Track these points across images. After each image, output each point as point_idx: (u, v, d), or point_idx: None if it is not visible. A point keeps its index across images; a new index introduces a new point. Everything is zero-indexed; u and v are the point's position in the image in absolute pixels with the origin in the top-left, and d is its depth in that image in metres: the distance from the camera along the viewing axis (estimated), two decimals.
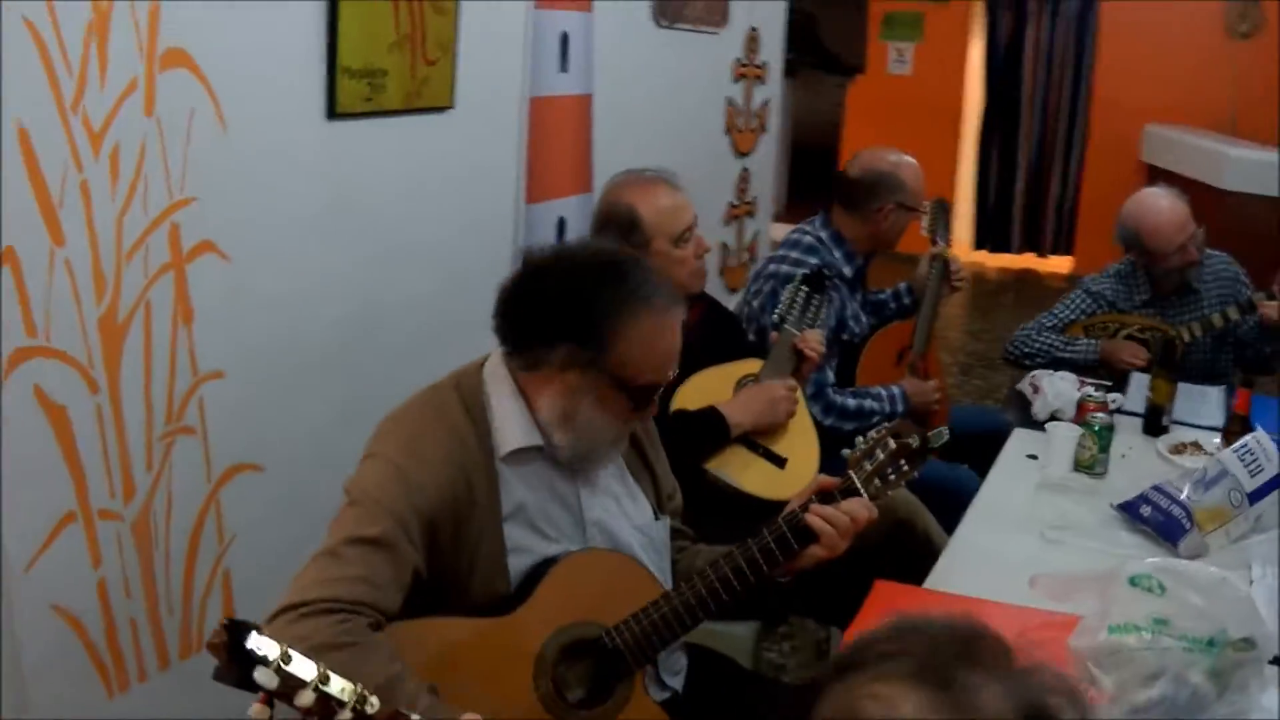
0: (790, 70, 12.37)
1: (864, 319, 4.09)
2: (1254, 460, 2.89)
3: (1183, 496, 2.87)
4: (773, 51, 6.00)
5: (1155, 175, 9.46)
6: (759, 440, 3.17)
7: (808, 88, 12.43)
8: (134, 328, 2.82)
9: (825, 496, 2.35)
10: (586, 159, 4.35)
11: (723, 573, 2.27)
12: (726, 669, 2.63)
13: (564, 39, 4.14)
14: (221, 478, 3.11)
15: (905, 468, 2.40)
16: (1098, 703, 1.96)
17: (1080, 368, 4.36)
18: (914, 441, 2.40)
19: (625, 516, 2.40)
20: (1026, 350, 4.51)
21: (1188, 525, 2.82)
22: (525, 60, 3.95)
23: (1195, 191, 8.42)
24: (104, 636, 2.85)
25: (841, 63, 11.19)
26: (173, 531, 3.01)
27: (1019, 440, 3.58)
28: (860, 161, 4.18)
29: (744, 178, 5.85)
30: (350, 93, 3.22)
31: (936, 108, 10.62)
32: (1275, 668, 2.24)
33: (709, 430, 3.08)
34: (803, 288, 3.39)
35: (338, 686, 1.30)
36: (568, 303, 2.22)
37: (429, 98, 3.51)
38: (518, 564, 2.23)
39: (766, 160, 6.24)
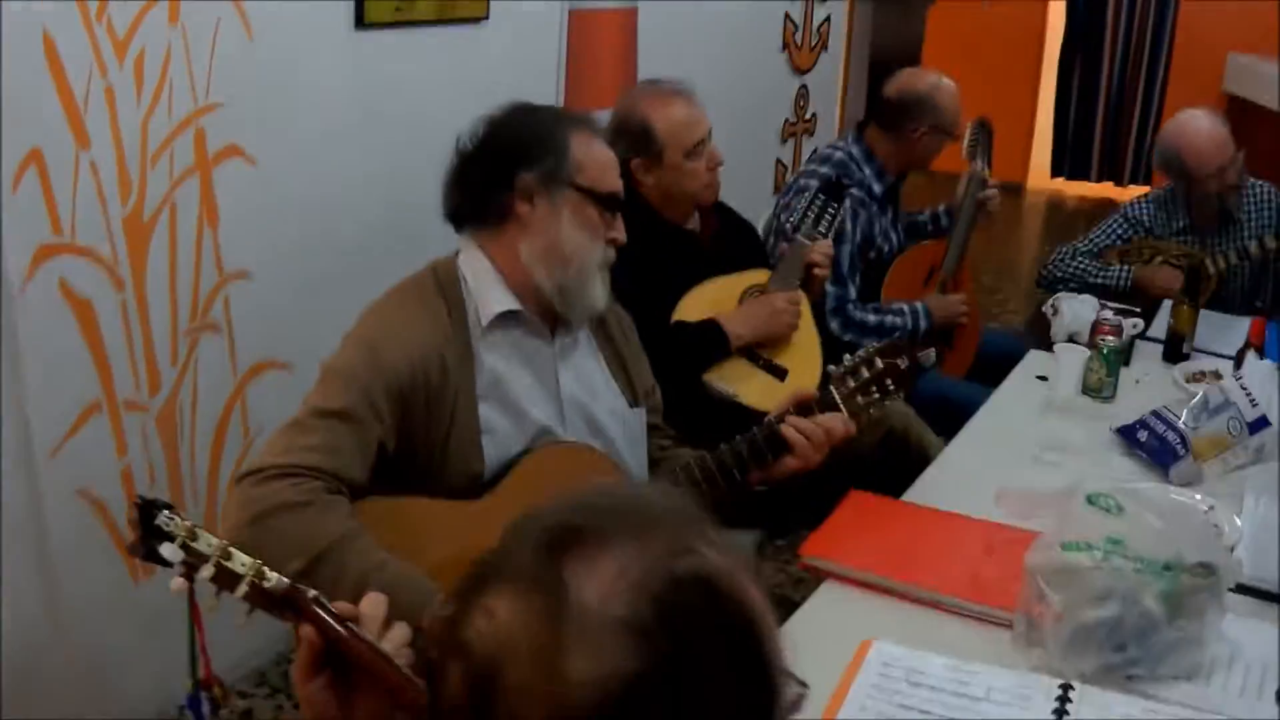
0: None
1: (895, 238, 4.08)
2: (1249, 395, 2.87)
3: (1180, 423, 2.87)
4: None
5: (1236, 105, 9.29)
6: (760, 352, 3.17)
7: (894, 9, 12.28)
8: (159, 228, 2.92)
9: (804, 408, 2.39)
10: (631, 72, 4.37)
11: (693, 475, 2.33)
12: None
13: None
14: (247, 374, 3.22)
15: (891, 387, 2.43)
16: (1044, 620, 1.98)
17: (1114, 293, 4.34)
18: (902, 363, 2.42)
19: (601, 399, 2.44)
20: (1060, 274, 4.48)
21: (1182, 452, 2.80)
22: None
23: (1276, 123, 8.36)
24: (128, 523, 2.96)
25: None
26: (199, 424, 3.12)
27: (1032, 361, 3.56)
28: (898, 81, 4.17)
29: (802, 95, 5.83)
30: (379, 3, 3.27)
31: (1017, 33, 10.45)
32: (1237, 596, 2.28)
33: (708, 341, 3.09)
34: (819, 196, 3.39)
35: (239, 561, 1.37)
36: (511, 141, 2.33)
37: (462, 9, 3.56)
38: (493, 444, 2.26)
39: (828, 78, 6.20)
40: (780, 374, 3.16)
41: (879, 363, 2.42)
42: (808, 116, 5.91)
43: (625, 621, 0.95)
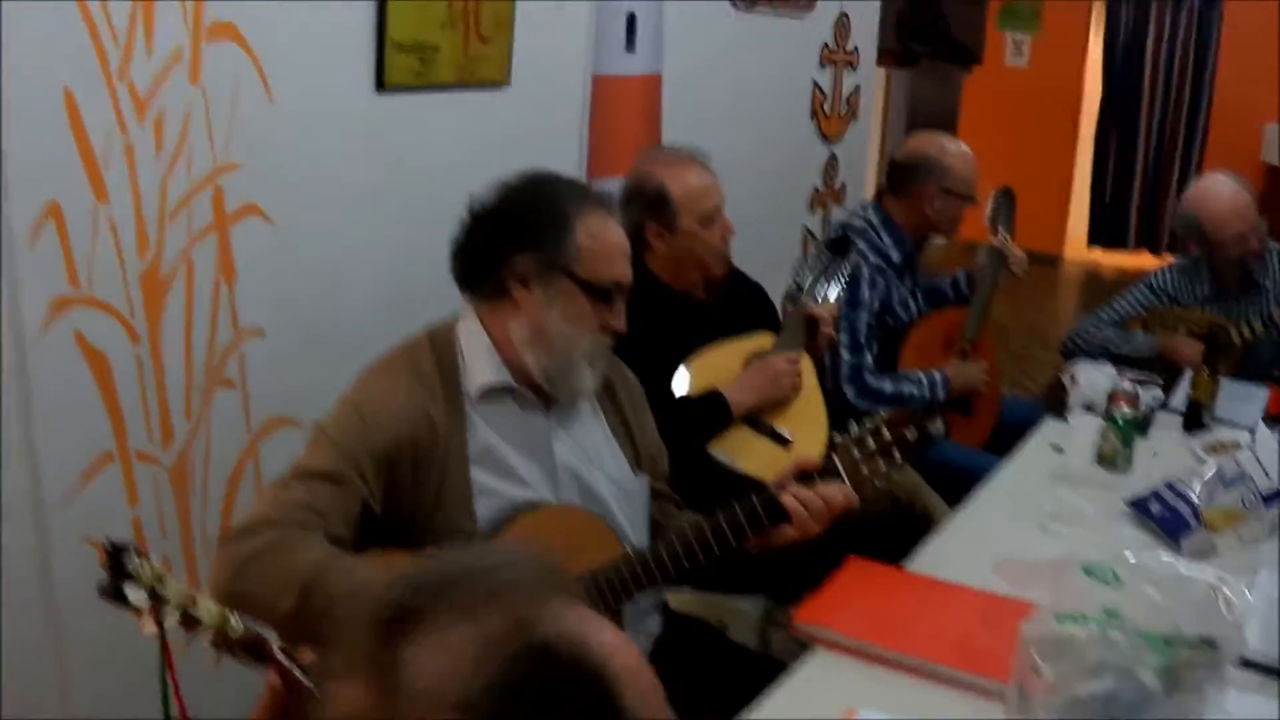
0: (910, 59, 12.33)
1: (914, 305, 4.08)
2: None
3: (1193, 495, 2.84)
4: (865, 38, 5.97)
5: (1274, 175, 9.26)
6: (763, 418, 3.16)
7: (931, 77, 12.31)
8: (176, 283, 2.94)
9: (805, 477, 2.38)
10: (654, 138, 4.39)
11: (687, 541, 2.31)
12: (708, 638, 2.66)
13: (630, 19, 4.18)
14: (260, 430, 3.23)
15: (897, 458, 2.41)
16: (1036, 692, 1.96)
17: (1137, 363, 4.32)
18: (909, 433, 2.41)
19: (599, 466, 2.45)
20: (1083, 344, 4.47)
21: (1194, 524, 2.78)
22: (589, 39, 4.01)
23: None
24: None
25: (969, 53, 11.07)
26: (211, 477, 3.13)
27: (1047, 430, 3.56)
28: (907, 145, 4.20)
29: (831, 164, 5.84)
30: (399, 67, 3.31)
31: (1053, 101, 10.49)
32: (1241, 671, 2.25)
33: (710, 413, 3.09)
34: (824, 253, 3.39)
35: (204, 608, 1.38)
36: (515, 217, 2.34)
37: (482, 74, 3.59)
38: (485, 506, 2.28)
39: (858, 147, 6.21)
40: (783, 441, 3.14)
41: (886, 433, 2.40)
42: (837, 185, 5.91)
43: (461, 704, 0.92)
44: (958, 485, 3.31)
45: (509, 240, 2.33)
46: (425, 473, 2.24)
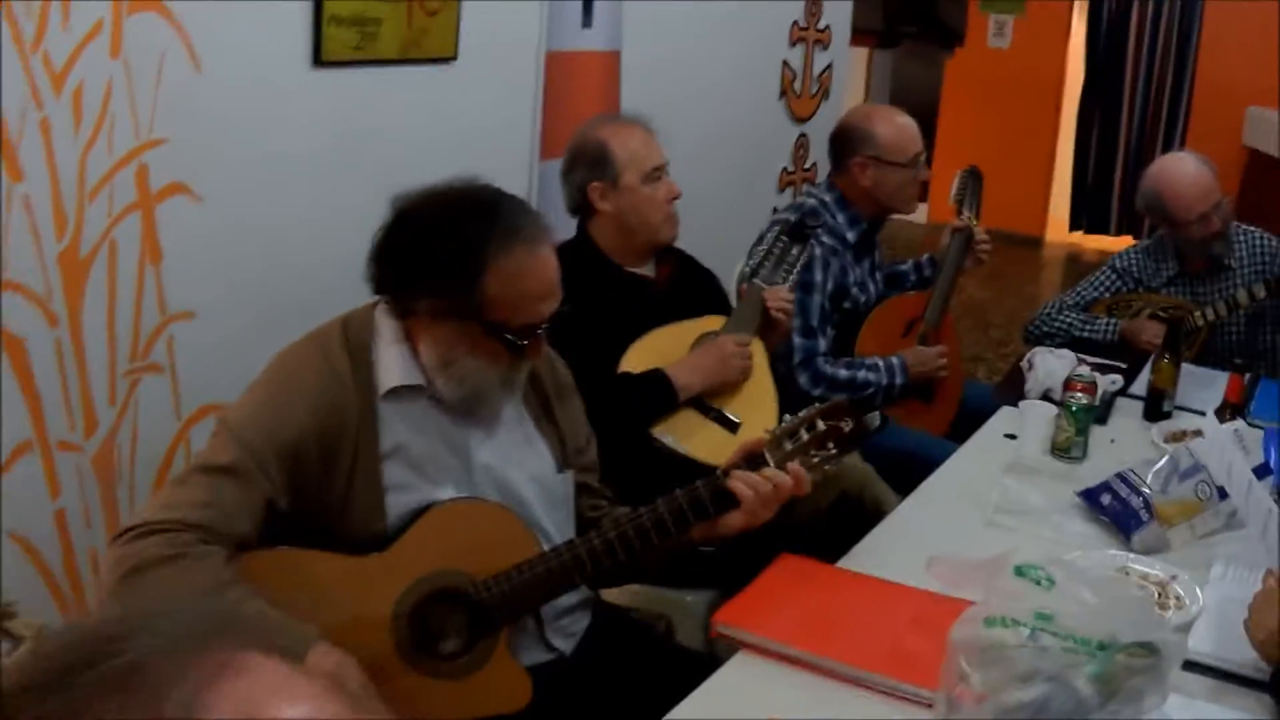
0: (894, 40, 12.24)
1: (873, 288, 3.97)
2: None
3: (1145, 486, 2.75)
4: (838, 16, 5.86)
5: (1257, 159, 9.18)
6: (711, 402, 3.07)
7: (914, 58, 12.22)
8: (97, 265, 2.85)
9: (753, 461, 2.29)
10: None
11: (623, 532, 2.22)
12: (640, 636, 2.57)
13: None
14: (192, 417, 3.13)
15: (833, 450, 2.32)
16: (964, 701, 1.86)
17: (1101, 347, 4.23)
18: (845, 425, 2.32)
19: (520, 465, 2.35)
20: (1046, 329, 4.37)
21: (1145, 518, 2.68)
22: (543, 14, 3.91)
23: None
24: (62, 566, 2.89)
25: (953, 34, 10.98)
26: (139, 467, 3.05)
27: (1002, 418, 3.45)
28: (841, 119, 4.08)
29: (801, 144, 5.74)
30: (338, 40, 3.21)
31: (1036, 83, 10.37)
32: (1187, 675, 2.17)
33: (654, 393, 3.00)
34: (781, 239, 3.30)
35: (21, 623, 1.30)
36: (431, 250, 2.19)
37: (428, 48, 3.49)
38: (398, 502, 2.20)
39: (830, 127, 6.10)
40: (732, 426, 3.06)
41: (820, 424, 2.31)
42: (807, 166, 5.81)
43: None
44: (915, 475, 3.19)
45: (417, 280, 2.21)
46: (334, 467, 2.16)
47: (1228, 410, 3.20)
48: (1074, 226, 10.33)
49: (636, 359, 3.06)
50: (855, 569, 2.47)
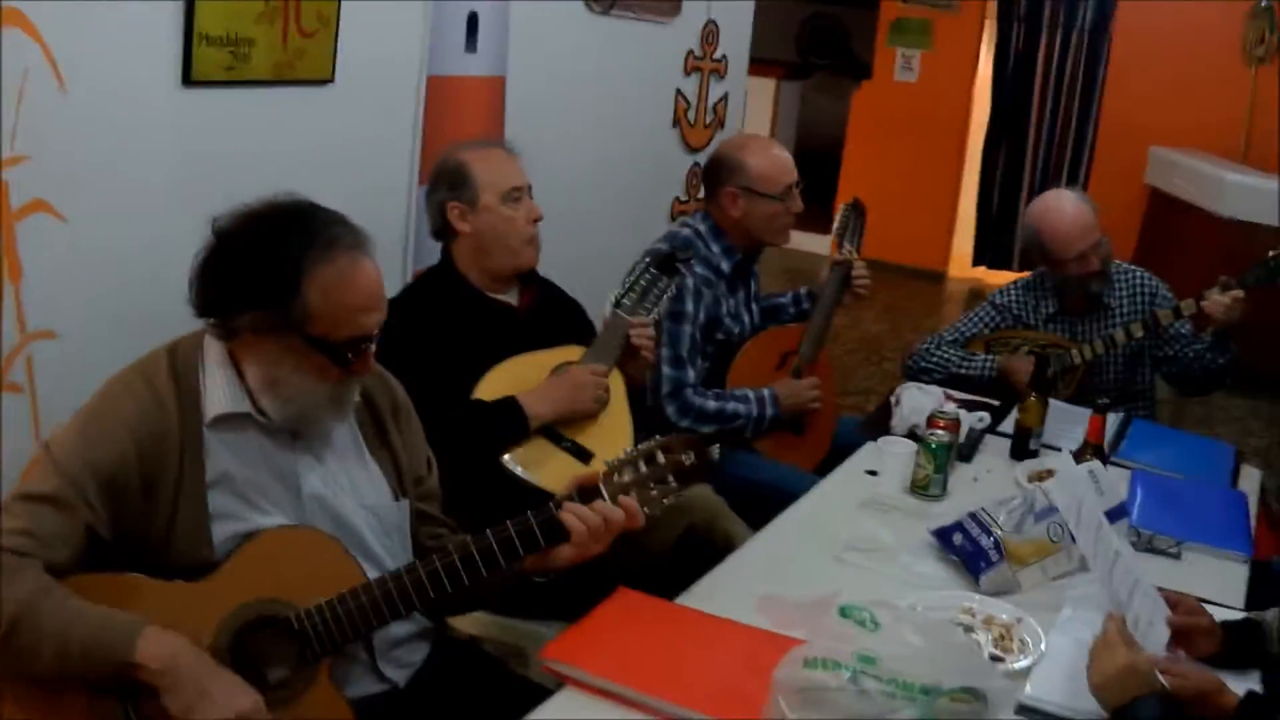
0: (804, 72, 12.34)
1: (748, 319, 3.98)
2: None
3: (996, 526, 2.77)
4: (735, 46, 5.89)
5: (1158, 199, 9.33)
6: (565, 432, 3.06)
7: (822, 90, 12.33)
8: None
9: (586, 494, 2.29)
10: (506, 143, 4.28)
11: (448, 562, 2.20)
12: (483, 669, 2.55)
13: (472, 18, 4.07)
14: None
15: (673, 484, 2.31)
16: None
17: (978, 383, 4.26)
18: (686, 458, 2.31)
19: (353, 493, 2.34)
20: (925, 365, 4.39)
21: (995, 558, 2.69)
22: (424, 38, 3.89)
23: (1196, 218, 8.39)
24: None
25: (864, 67, 11.08)
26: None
27: (865, 454, 3.46)
28: (716, 148, 4.11)
29: (694, 173, 5.75)
30: (208, 60, 3.18)
31: (941, 118, 10.47)
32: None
33: (504, 420, 2.98)
34: (649, 271, 3.30)
35: None
36: (246, 266, 2.19)
37: (303, 70, 3.46)
38: (224, 531, 2.18)
39: None
40: (585, 456, 3.04)
41: (660, 457, 2.31)
42: (700, 195, 5.83)
43: None
44: (778, 509, 3.19)
45: (237, 297, 2.19)
46: (156, 496, 2.15)
47: (1088, 450, 3.23)
48: (977, 262, 10.43)
49: (491, 386, 3.05)
50: (696, 604, 2.46)
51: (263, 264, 2.17)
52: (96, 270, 3.07)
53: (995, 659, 2.37)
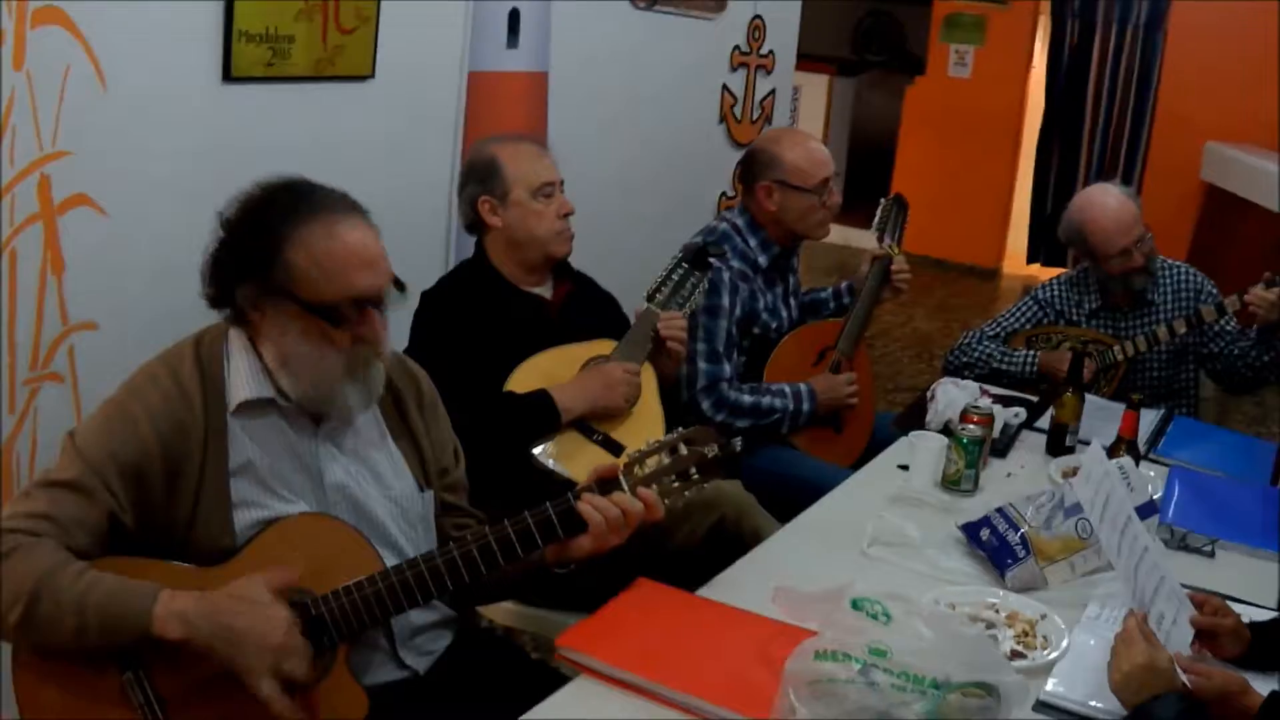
0: (859, 68, 12.29)
1: (787, 314, 3.98)
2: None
3: (1025, 521, 2.76)
4: (783, 41, 5.88)
5: (1213, 195, 9.24)
6: (597, 426, 3.09)
7: (876, 86, 12.27)
8: None
9: (605, 485, 2.31)
10: (540, 137, 4.31)
11: (466, 551, 2.22)
12: (507, 658, 2.57)
13: (513, 14, 4.10)
14: None
15: (695, 475, 2.32)
16: None
17: (1019, 379, 4.24)
18: (709, 451, 2.32)
19: (376, 483, 2.37)
20: (966, 360, 4.37)
21: (1022, 554, 2.68)
22: (465, 34, 3.93)
23: (1252, 213, 8.30)
24: None
25: (918, 63, 11.03)
26: (37, 475, 3.04)
27: (897, 449, 3.45)
28: (754, 142, 4.13)
29: None
30: (248, 57, 3.23)
31: (995, 114, 10.40)
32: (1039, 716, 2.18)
33: (536, 414, 3.01)
34: (681, 265, 3.33)
35: None
36: (235, 240, 2.26)
37: (343, 66, 3.50)
38: (246, 519, 2.21)
39: None
40: (616, 449, 3.06)
41: (683, 449, 2.32)
42: None
43: None
44: (811, 499, 3.22)
45: (230, 269, 2.25)
46: (179, 485, 2.18)
47: (1121, 445, 3.21)
48: (1031, 259, 10.35)
49: (523, 379, 3.08)
50: (717, 597, 2.47)
51: (248, 234, 2.24)
52: (137, 264, 3.12)
53: (1017, 655, 2.37)
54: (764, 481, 3.37)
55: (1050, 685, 2.26)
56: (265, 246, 2.20)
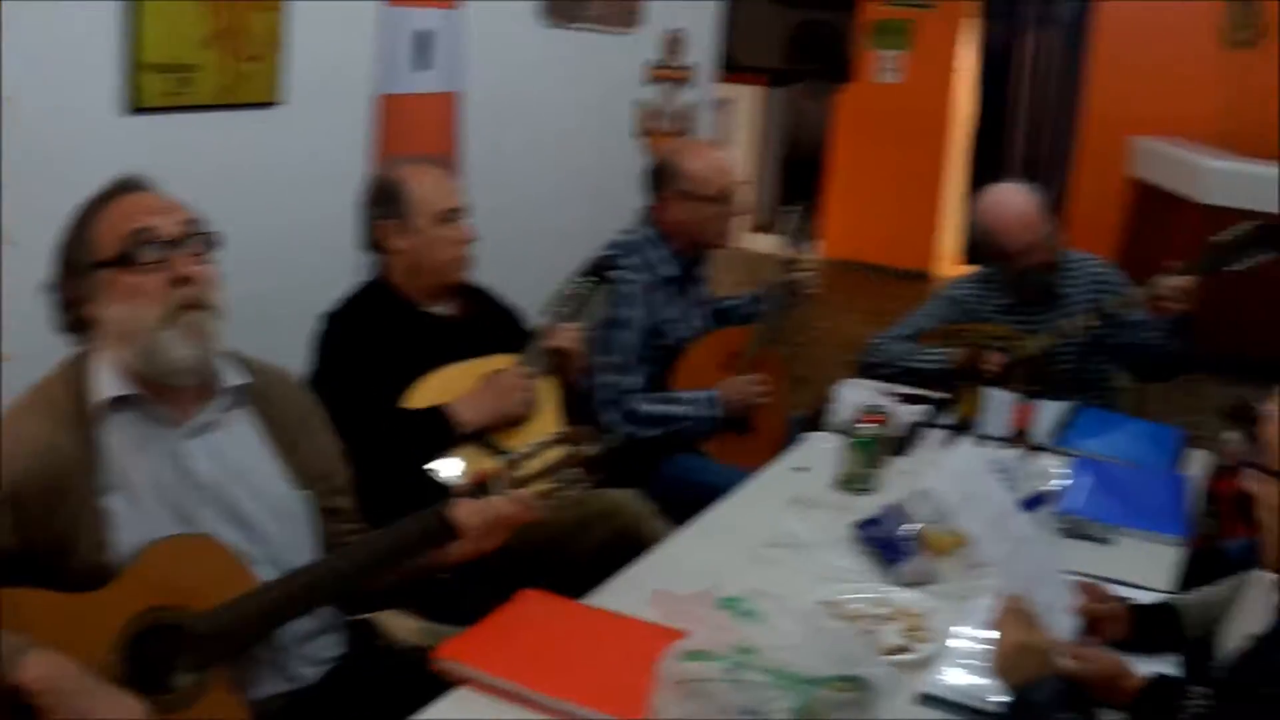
0: (792, 78, 12.34)
1: (696, 323, 4.04)
2: (1004, 480, 2.75)
3: (915, 518, 2.82)
4: (702, 54, 5.96)
5: (1140, 189, 9.36)
6: (496, 438, 3.12)
7: (810, 96, 12.33)
8: None
9: (477, 490, 2.35)
10: (451, 158, 4.36)
11: (342, 563, 2.26)
12: (399, 662, 2.56)
13: (423, 36, 4.15)
14: None
15: (573, 476, 2.37)
16: None
17: (932, 378, 4.30)
18: (585, 449, 2.37)
19: (249, 484, 2.39)
20: (878, 360, 4.41)
21: (911, 549, 2.74)
22: (373, 57, 3.98)
23: (1180, 206, 8.43)
24: None
25: (849, 71, 11.09)
26: None
27: (797, 452, 3.50)
28: (658, 154, 4.19)
29: None
30: (153, 87, 3.27)
31: (925, 117, 10.49)
32: (931, 711, 2.23)
33: (431, 429, 3.05)
34: (584, 278, 3.38)
35: None
36: (61, 251, 2.37)
37: (250, 93, 3.55)
38: (122, 537, 2.23)
39: None
40: None
41: (562, 449, 2.37)
42: None
43: None
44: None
45: (64, 275, 2.35)
46: (56, 508, 2.20)
47: (1017, 437, 3.28)
48: (971, 260, 10.43)
49: (422, 396, 3.11)
50: (604, 603, 2.51)
51: (69, 230, 2.37)
52: (42, 296, 3.15)
53: (903, 649, 2.42)
54: (676, 489, 3.43)
55: (936, 677, 2.32)
56: (79, 233, 2.32)
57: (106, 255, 2.29)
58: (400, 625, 2.90)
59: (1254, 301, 4.84)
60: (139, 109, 3.26)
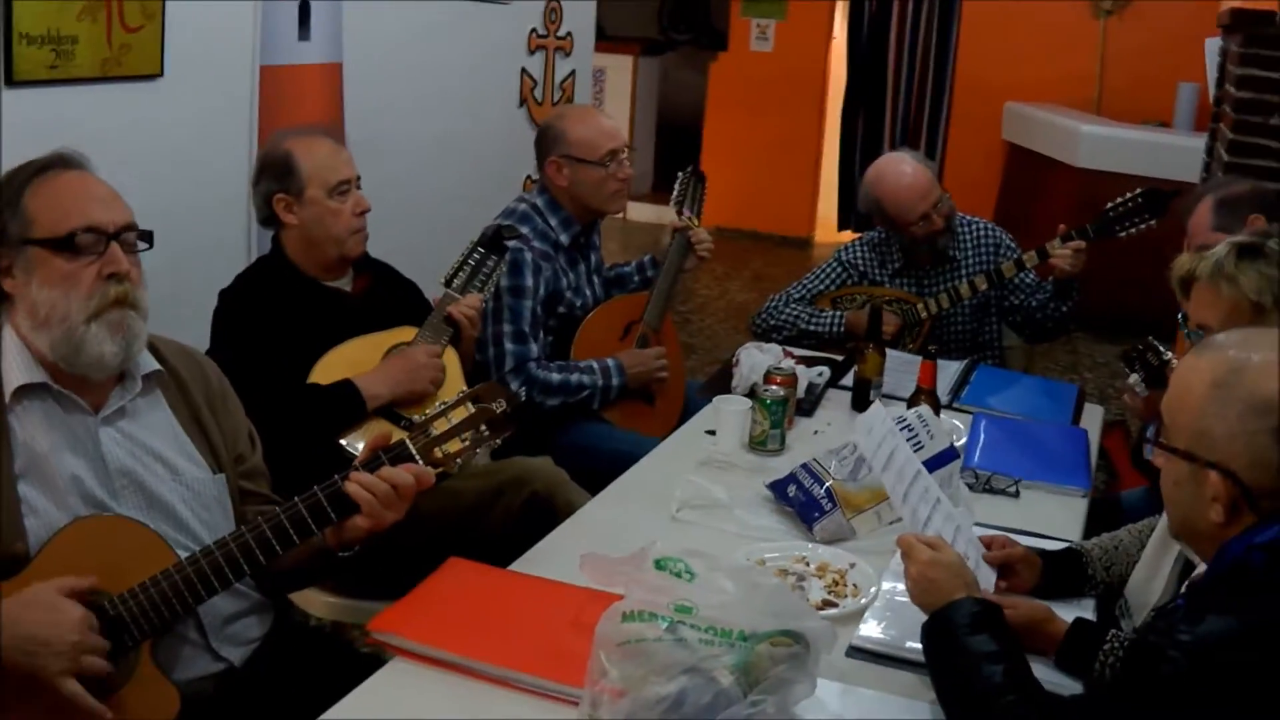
0: (666, 47, 12.38)
1: (591, 292, 4.02)
2: (913, 437, 2.78)
3: (828, 475, 2.83)
4: (581, 22, 5.93)
5: (1015, 153, 9.51)
6: (404, 412, 3.09)
7: (685, 64, 12.39)
8: None
9: (371, 462, 2.29)
10: (336, 129, 4.28)
11: (243, 541, 2.21)
12: (324, 643, 2.56)
13: (304, 6, 4.07)
14: None
15: (485, 433, 2.33)
16: (605, 697, 1.88)
17: (826, 340, 4.34)
18: (497, 406, 2.33)
19: (164, 468, 2.34)
20: (773, 323, 4.45)
21: (828, 507, 2.75)
22: (255, 28, 3.90)
23: (1054, 170, 8.58)
24: None
25: (722, 39, 11.12)
26: None
27: (704, 416, 3.50)
28: (542, 121, 4.17)
29: None
30: (30, 60, 3.16)
31: (799, 85, 10.56)
32: (855, 662, 2.24)
33: (341, 404, 3.01)
34: (477, 249, 3.36)
35: None
36: None
37: (131, 65, 3.46)
38: (37, 523, 2.17)
39: None
40: None
41: (470, 407, 2.33)
42: None
43: None
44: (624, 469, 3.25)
45: None
46: None
47: (921, 395, 3.30)
48: (843, 225, 10.53)
49: (327, 370, 3.07)
50: (530, 570, 2.50)
51: None
52: None
53: (829, 604, 2.44)
54: (578, 457, 3.41)
55: (862, 630, 2.34)
56: (8, 205, 2.22)
57: (44, 234, 2.20)
58: (318, 602, 2.86)
59: (1134, 262, 4.93)
60: (15, 82, 3.15)
